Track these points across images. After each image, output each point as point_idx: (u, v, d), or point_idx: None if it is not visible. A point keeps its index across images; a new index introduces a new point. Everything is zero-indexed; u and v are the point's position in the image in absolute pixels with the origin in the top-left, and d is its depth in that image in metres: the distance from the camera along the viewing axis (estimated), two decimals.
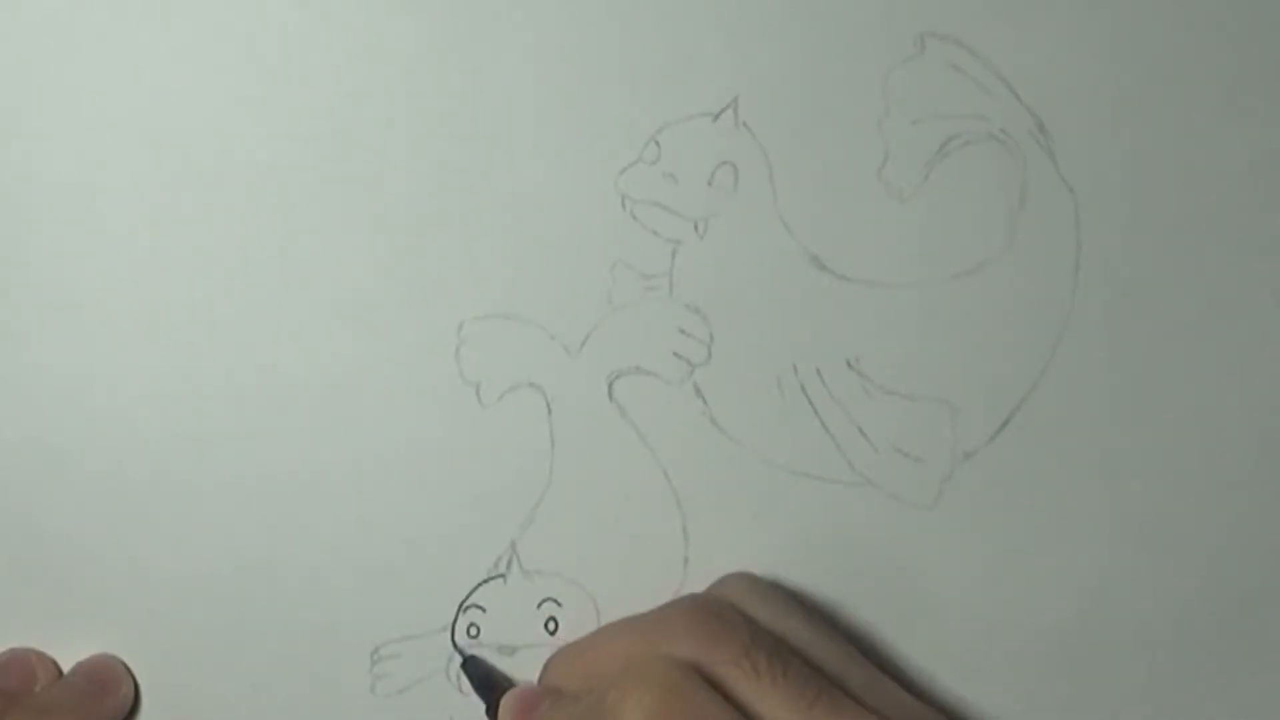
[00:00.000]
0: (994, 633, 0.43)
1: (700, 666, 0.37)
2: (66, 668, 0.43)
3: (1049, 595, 0.43)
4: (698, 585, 0.43)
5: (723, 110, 0.41)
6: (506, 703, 0.40)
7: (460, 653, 0.43)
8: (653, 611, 0.40)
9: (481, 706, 0.42)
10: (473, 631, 0.43)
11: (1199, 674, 0.43)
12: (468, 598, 0.43)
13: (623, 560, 0.43)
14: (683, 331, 0.42)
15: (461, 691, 0.43)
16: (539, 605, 0.43)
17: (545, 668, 0.42)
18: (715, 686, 0.37)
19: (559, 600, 0.43)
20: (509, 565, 0.43)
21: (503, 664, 0.43)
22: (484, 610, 0.43)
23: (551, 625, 0.43)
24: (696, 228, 0.42)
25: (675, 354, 0.42)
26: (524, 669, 0.43)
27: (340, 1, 0.41)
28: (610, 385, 0.42)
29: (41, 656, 0.43)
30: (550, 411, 0.42)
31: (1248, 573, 0.43)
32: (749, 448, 0.43)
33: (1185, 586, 0.43)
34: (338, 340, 0.42)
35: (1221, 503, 0.43)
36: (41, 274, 0.42)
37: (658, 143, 0.41)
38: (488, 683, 0.42)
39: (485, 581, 0.43)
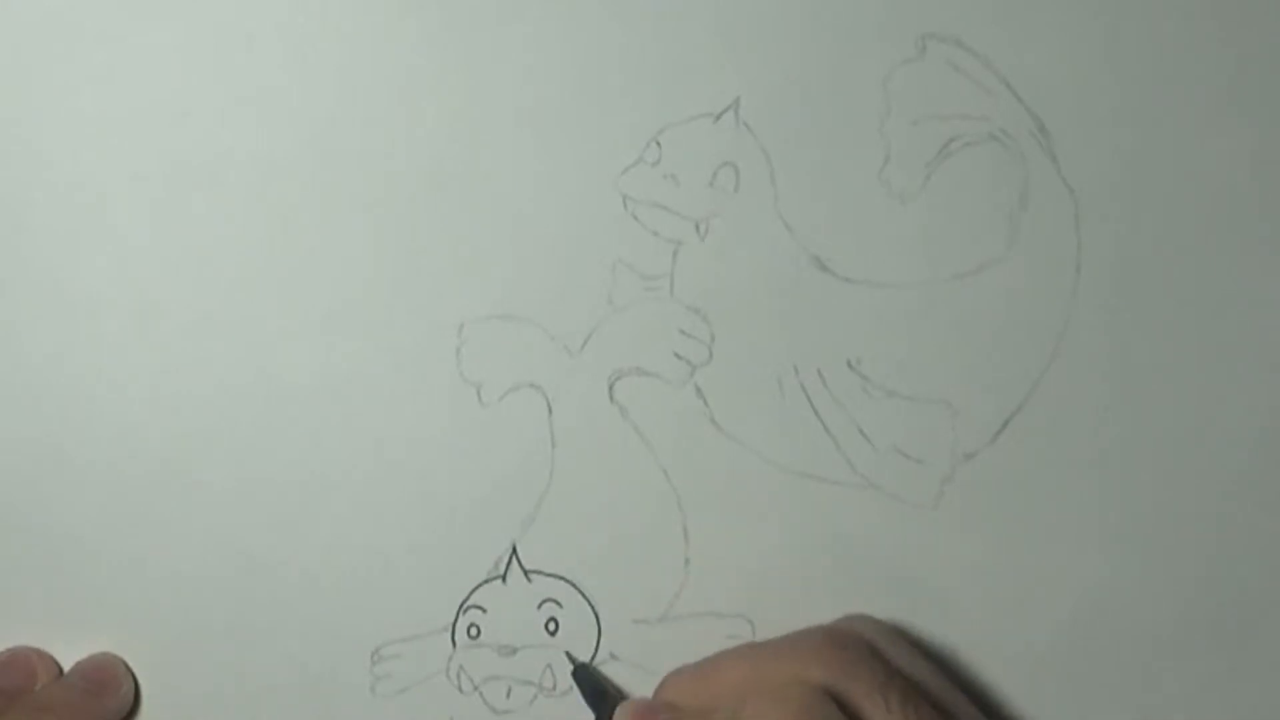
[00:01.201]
0: (994, 633, 0.43)
1: (834, 694, 0.37)
2: (67, 666, 0.43)
3: (1049, 595, 0.43)
4: (698, 585, 0.43)
5: (724, 111, 0.41)
6: (622, 712, 0.40)
7: (570, 660, 0.43)
8: (783, 637, 0.40)
9: (484, 707, 0.42)
10: (473, 632, 0.43)
11: (1199, 674, 0.43)
12: (468, 598, 0.43)
13: (623, 560, 0.43)
14: (683, 332, 0.42)
15: (463, 691, 0.43)
16: (539, 606, 0.43)
17: (661, 685, 0.41)
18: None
19: (559, 601, 0.43)
20: (509, 566, 0.43)
21: (503, 664, 0.43)
22: (484, 611, 0.43)
23: (552, 626, 0.43)
24: (698, 228, 0.42)
25: (676, 355, 0.42)
26: (525, 669, 0.43)
27: (340, 2, 0.41)
28: (611, 386, 0.42)
29: (42, 655, 0.43)
30: (551, 412, 0.42)
31: (1247, 573, 0.43)
32: (749, 448, 0.43)
33: (1185, 587, 0.43)
34: (338, 340, 0.42)
35: (1221, 503, 0.43)
36: (41, 274, 0.42)
37: (659, 143, 0.41)
38: (599, 692, 0.42)
39: (485, 582, 0.43)
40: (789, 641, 0.40)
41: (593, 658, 0.43)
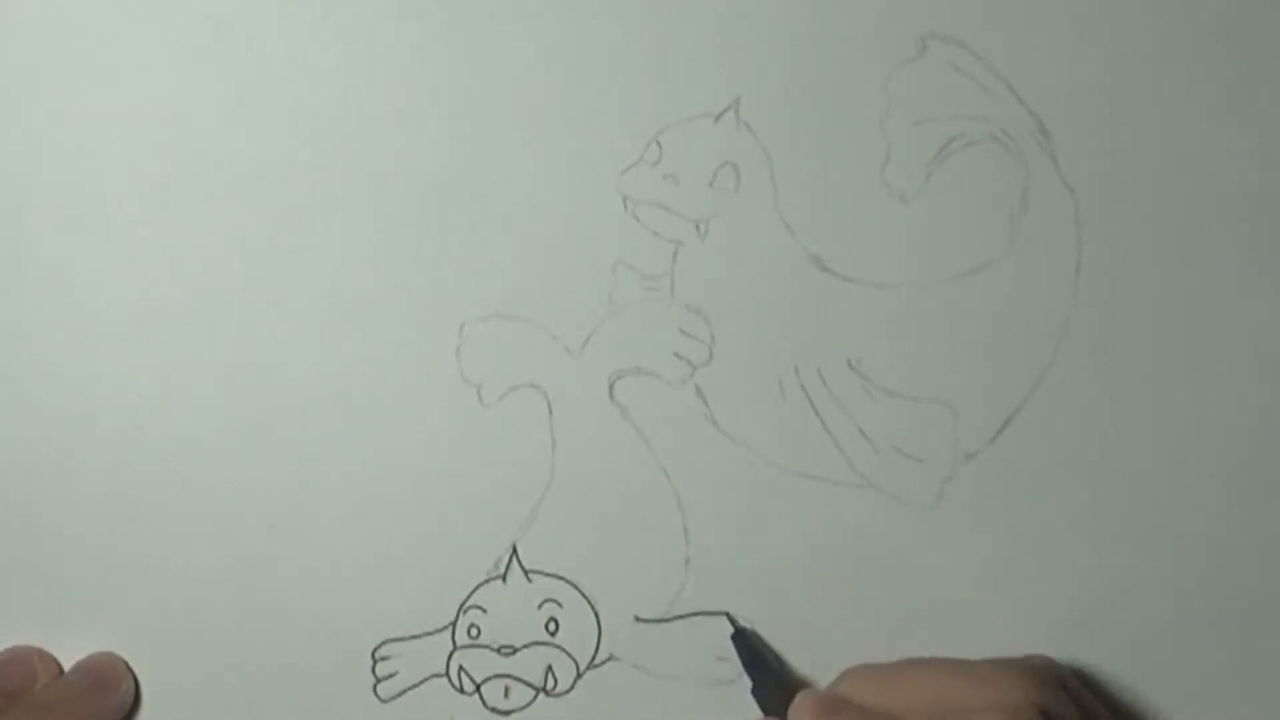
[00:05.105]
0: (994, 633, 0.43)
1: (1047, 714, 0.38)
2: (67, 666, 0.43)
3: (1049, 595, 0.43)
4: (698, 585, 0.43)
5: (724, 111, 0.41)
6: (804, 701, 0.40)
7: (732, 623, 0.43)
8: (975, 661, 0.40)
9: (483, 707, 0.43)
10: (473, 632, 0.43)
11: (1198, 674, 0.43)
12: (468, 598, 0.43)
13: (623, 560, 0.43)
14: (684, 332, 0.42)
15: (464, 691, 0.43)
16: (539, 606, 0.43)
17: (841, 679, 0.41)
18: None
19: (559, 601, 0.43)
20: (509, 566, 0.43)
21: (503, 664, 0.43)
22: (484, 611, 0.43)
23: (552, 626, 0.43)
24: (698, 228, 0.42)
25: (676, 355, 0.42)
26: (525, 669, 0.43)
27: (340, 2, 0.41)
28: (611, 386, 0.42)
29: (43, 654, 0.43)
30: (551, 412, 0.42)
31: (1246, 572, 0.43)
32: (749, 448, 0.43)
33: (1184, 586, 0.43)
34: (339, 340, 0.42)
35: (1220, 503, 0.43)
36: (41, 274, 0.42)
37: (659, 143, 0.42)
38: (756, 661, 0.42)
39: (486, 582, 0.43)
40: (986, 665, 0.40)
41: (593, 657, 0.43)
